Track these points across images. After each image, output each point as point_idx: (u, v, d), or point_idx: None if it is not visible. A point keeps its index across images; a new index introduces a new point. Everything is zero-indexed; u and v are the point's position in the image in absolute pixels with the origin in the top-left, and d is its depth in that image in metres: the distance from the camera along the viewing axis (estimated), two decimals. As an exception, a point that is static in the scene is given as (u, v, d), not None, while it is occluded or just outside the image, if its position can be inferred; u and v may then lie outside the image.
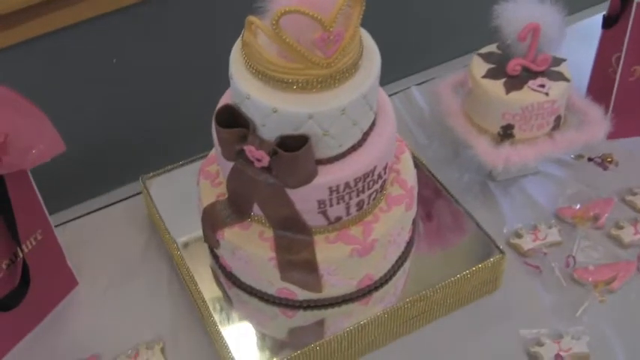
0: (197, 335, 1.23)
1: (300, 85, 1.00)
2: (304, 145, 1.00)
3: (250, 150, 1.02)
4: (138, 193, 1.42)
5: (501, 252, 1.25)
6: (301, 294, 1.17)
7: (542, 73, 1.37)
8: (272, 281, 1.15)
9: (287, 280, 1.14)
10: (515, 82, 1.35)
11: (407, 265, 1.25)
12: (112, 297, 1.29)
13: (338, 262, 1.13)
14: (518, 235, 1.36)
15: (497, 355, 1.21)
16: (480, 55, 1.41)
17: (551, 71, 1.37)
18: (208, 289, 1.22)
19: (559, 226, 1.37)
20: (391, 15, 1.59)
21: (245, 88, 1.02)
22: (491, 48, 1.42)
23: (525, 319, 1.25)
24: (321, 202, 1.08)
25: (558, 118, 1.39)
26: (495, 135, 1.38)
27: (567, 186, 1.45)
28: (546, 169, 1.47)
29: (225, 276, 1.24)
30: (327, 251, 1.12)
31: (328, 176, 1.06)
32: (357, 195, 1.10)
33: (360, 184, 1.09)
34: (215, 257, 1.25)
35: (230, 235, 1.15)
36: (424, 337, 1.24)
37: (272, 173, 1.04)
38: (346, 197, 1.09)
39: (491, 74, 1.37)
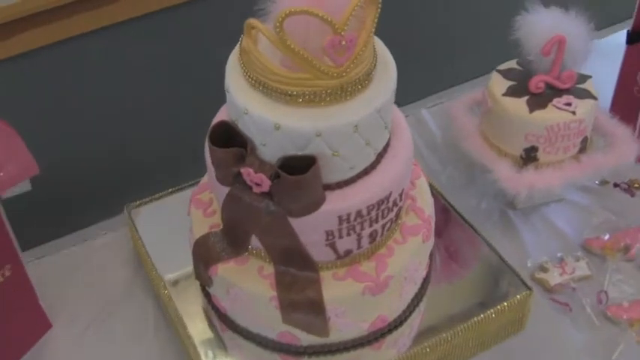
0: (186, 385, 1.15)
1: (306, 97, 0.92)
2: (311, 168, 0.92)
3: (248, 173, 0.94)
4: (121, 225, 1.35)
5: (528, 288, 1.17)
6: (305, 339, 1.08)
7: (567, 91, 1.29)
8: (272, 324, 1.07)
9: (289, 323, 1.06)
10: (538, 100, 1.27)
11: (423, 303, 1.17)
12: (91, 341, 1.21)
13: (348, 302, 1.04)
14: (544, 269, 1.26)
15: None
16: (500, 71, 1.34)
17: (577, 88, 1.30)
18: (199, 332, 1.15)
19: (587, 258, 1.29)
20: (399, 34, 1.52)
21: (243, 102, 0.94)
22: (511, 64, 1.35)
23: (556, 364, 1.16)
24: (329, 233, 1.00)
25: (585, 140, 1.31)
26: (517, 158, 1.30)
27: (593, 214, 1.37)
28: (570, 196, 1.39)
29: (219, 318, 1.16)
30: (336, 289, 1.04)
31: (337, 203, 0.97)
32: (370, 225, 1.01)
33: (373, 213, 1.00)
34: (207, 296, 1.17)
35: (224, 271, 1.07)
36: (444, 385, 1.15)
37: (273, 200, 0.96)
38: (357, 227, 1.00)
39: (512, 92, 1.29)
